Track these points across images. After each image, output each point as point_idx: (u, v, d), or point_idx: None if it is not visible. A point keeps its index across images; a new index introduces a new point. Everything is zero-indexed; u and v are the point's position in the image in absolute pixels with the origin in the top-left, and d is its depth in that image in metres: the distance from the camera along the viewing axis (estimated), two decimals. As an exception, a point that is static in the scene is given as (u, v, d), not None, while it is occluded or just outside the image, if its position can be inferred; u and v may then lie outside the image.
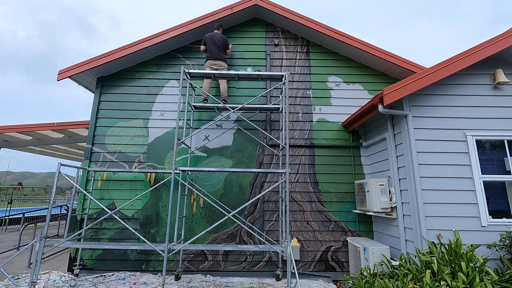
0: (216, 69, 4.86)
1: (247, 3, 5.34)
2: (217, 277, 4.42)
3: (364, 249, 3.91)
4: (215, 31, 5.22)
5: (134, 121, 5.18)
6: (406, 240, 3.72)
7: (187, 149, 4.96)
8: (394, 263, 3.54)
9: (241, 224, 4.28)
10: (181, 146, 4.96)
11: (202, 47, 5.11)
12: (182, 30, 5.20)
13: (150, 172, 4.85)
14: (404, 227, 3.77)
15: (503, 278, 2.70)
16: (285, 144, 4.02)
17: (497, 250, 3.27)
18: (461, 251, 2.90)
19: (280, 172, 4.19)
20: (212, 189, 4.91)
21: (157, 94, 5.32)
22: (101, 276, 4.39)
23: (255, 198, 3.94)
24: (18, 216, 9.85)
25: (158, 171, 4.75)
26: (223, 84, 5.05)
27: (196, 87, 4.80)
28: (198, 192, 4.20)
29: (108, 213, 3.99)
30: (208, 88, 5.01)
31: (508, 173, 3.66)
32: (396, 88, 3.64)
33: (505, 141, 3.74)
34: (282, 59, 5.57)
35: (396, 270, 3.30)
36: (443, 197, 3.56)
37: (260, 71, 5.24)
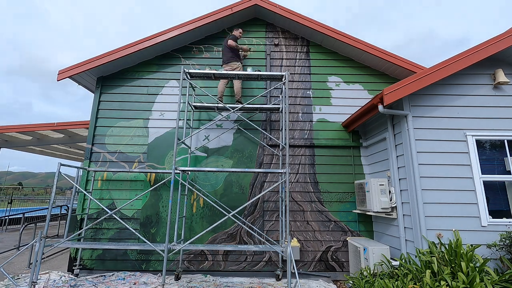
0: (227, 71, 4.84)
1: (247, 3, 5.34)
2: (217, 277, 4.42)
3: (364, 249, 3.91)
4: (235, 33, 5.24)
5: (134, 121, 5.18)
6: (406, 240, 3.72)
7: (187, 149, 4.96)
8: (394, 263, 3.54)
9: (241, 224, 4.28)
10: (181, 146, 4.96)
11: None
12: (182, 30, 5.20)
13: (150, 172, 4.85)
14: (404, 227, 3.77)
15: (503, 278, 2.70)
16: (285, 144, 4.02)
17: (497, 250, 3.27)
18: (461, 251, 2.90)
19: (280, 172, 4.19)
20: (212, 189, 4.91)
21: (157, 94, 5.32)
22: (101, 276, 4.39)
23: (255, 198, 3.94)
24: (18, 216, 9.84)
25: (158, 171, 4.75)
26: (236, 84, 5.05)
27: (196, 87, 4.80)
28: (198, 192, 4.20)
29: (108, 213, 4.00)
30: (223, 89, 5.01)
31: (508, 173, 3.66)
32: (396, 88, 3.64)
33: (505, 141, 3.74)
34: (282, 59, 5.57)
35: (396, 270, 3.31)
36: (443, 197, 3.56)
37: (260, 71, 5.22)
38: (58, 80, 5.06)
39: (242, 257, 4.62)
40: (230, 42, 4.96)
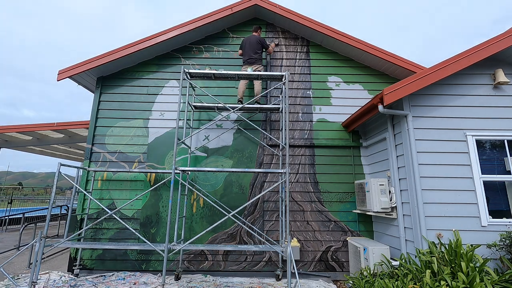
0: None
1: (247, 3, 5.34)
2: (217, 277, 4.42)
3: (364, 249, 3.91)
4: (254, 33, 5.26)
5: (134, 121, 5.18)
6: (406, 240, 3.72)
7: (187, 149, 4.96)
8: (394, 263, 3.54)
9: (241, 224, 4.28)
10: (181, 146, 4.96)
11: (239, 52, 5.20)
12: (182, 30, 5.20)
13: (150, 172, 4.85)
14: (404, 227, 3.77)
15: (503, 278, 2.70)
16: (285, 144, 4.02)
17: (497, 250, 3.27)
18: (461, 251, 2.90)
19: (280, 172, 4.19)
20: (212, 189, 4.90)
21: (157, 94, 5.32)
22: (101, 276, 4.39)
23: (255, 198, 3.93)
24: (18, 216, 9.85)
25: (158, 171, 4.75)
26: (257, 85, 5.06)
27: (196, 87, 4.80)
28: (198, 192, 4.20)
29: (108, 213, 4.00)
30: (243, 89, 5.02)
31: (508, 173, 3.66)
32: (396, 88, 3.64)
33: (505, 141, 3.74)
34: (282, 59, 5.57)
35: (396, 270, 3.31)
36: (443, 197, 3.56)
37: (260, 71, 5.24)
38: (58, 80, 5.05)
39: (242, 257, 4.62)
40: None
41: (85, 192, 4.63)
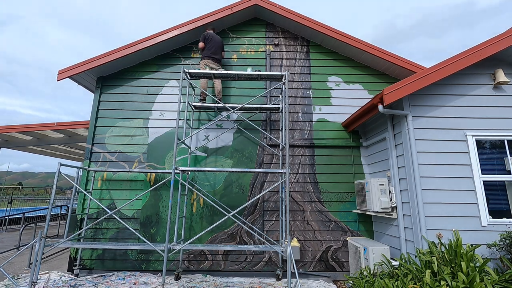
0: (212, 68, 4.87)
1: (247, 3, 5.34)
2: (217, 277, 4.42)
3: (364, 249, 3.91)
4: (211, 31, 5.23)
5: (134, 121, 5.18)
6: (406, 240, 3.72)
7: (187, 149, 4.97)
8: (394, 263, 3.54)
9: (241, 224, 4.29)
10: (181, 146, 4.96)
11: (201, 44, 5.02)
12: (182, 30, 5.20)
13: (150, 172, 4.85)
14: (404, 227, 3.77)
15: (503, 278, 2.70)
16: (285, 144, 4.03)
17: (497, 250, 3.27)
18: (461, 251, 2.90)
19: (280, 172, 4.19)
20: (212, 189, 4.91)
21: (157, 94, 5.32)
22: (101, 276, 4.39)
23: (255, 198, 3.94)
24: (18, 216, 9.85)
25: (158, 171, 4.75)
26: (217, 84, 5.04)
27: (196, 87, 4.82)
28: (198, 192, 4.20)
29: (108, 213, 4.00)
30: (205, 87, 5.00)
31: (508, 173, 3.66)
32: (396, 88, 3.64)
33: (505, 141, 3.74)
34: (282, 59, 5.57)
35: (396, 270, 3.31)
36: (443, 197, 3.56)
37: (260, 71, 5.23)
38: (58, 80, 5.05)
39: (242, 257, 4.62)
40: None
41: (85, 192, 4.63)
